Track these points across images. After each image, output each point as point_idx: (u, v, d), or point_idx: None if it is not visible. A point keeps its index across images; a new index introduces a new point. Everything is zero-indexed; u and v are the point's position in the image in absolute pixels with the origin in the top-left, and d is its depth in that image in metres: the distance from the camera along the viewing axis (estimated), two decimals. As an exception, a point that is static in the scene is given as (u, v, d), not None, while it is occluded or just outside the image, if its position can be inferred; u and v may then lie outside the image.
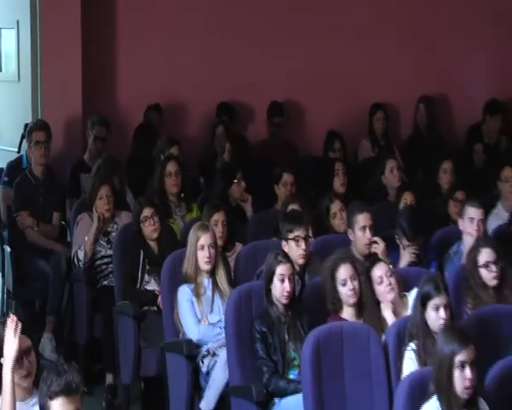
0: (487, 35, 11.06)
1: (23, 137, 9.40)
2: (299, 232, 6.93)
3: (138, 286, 7.60)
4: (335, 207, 8.07)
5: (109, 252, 8.01)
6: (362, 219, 7.20)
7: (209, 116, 10.31)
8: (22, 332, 4.37)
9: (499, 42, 11.11)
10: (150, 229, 7.65)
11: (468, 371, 4.86)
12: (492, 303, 6.37)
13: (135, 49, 10.08)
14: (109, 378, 7.80)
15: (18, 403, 4.23)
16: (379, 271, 6.37)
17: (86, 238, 8.01)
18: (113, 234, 8.06)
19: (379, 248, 7.03)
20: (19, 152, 9.60)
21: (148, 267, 7.61)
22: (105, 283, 8.05)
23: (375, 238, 7.11)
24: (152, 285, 7.54)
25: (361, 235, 7.17)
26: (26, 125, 9.38)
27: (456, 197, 8.39)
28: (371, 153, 10.49)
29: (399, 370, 5.70)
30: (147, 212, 7.68)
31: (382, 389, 5.79)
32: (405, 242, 7.32)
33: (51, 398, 3.97)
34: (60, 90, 9.51)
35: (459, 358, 4.87)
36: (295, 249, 6.88)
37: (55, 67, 9.53)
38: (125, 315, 7.47)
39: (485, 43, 11.04)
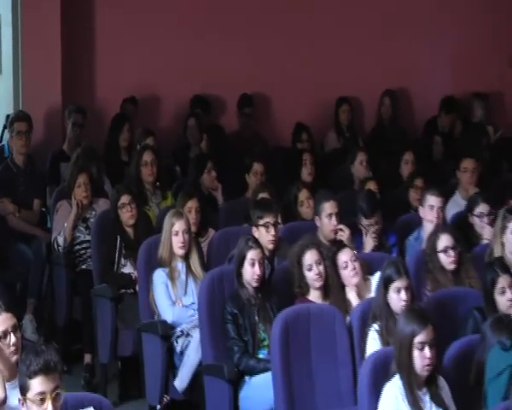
0: (447, 33, 11.07)
1: (5, 127, 9.36)
2: (268, 219, 6.93)
3: (115, 270, 7.57)
4: (303, 195, 8.07)
5: (88, 237, 7.96)
6: (328, 206, 7.20)
7: (183, 108, 10.25)
8: (7, 311, 4.35)
9: (458, 40, 11.12)
10: (127, 215, 7.63)
11: (427, 351, 4.89)
12: (450, 286, 6.42)
13: (112, 44, 10.01)
14: (88, 358, 7.78)
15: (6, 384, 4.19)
16: (344, 256, 6.38)
17: (66, 224, 7.97)
18: (92, 220, 8.02)
19: (344, 235, 7.03)
20: (0, 142, 9.52)
21: (124, 252, 7.57)
22: (84, 266, 8.00)
23: (341, 226, 7.11)
24: (128, 269, 7.52)
25: (327, 222, 7.17)
26: (8, 116, 9.33)
27: (416, 185, 8.43)
28: (337, 144, 10.49)
29: (363, 349, 5.71)
30: (124, 199, 7.66)
31: (347, 367, 5.82)
32: (365, 221, 7.38)
33: (30, 377, 3.92)
34: (40, 83, 9.44)
35: (419, 338, 4.90)
36: (265, 235, 6.88)
37: (36, 60, 9.46)
38: (103, 297, 7.44)
39: (445, 42, 11.04)
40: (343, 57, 10.57)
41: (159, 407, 6.73)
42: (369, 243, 7.33)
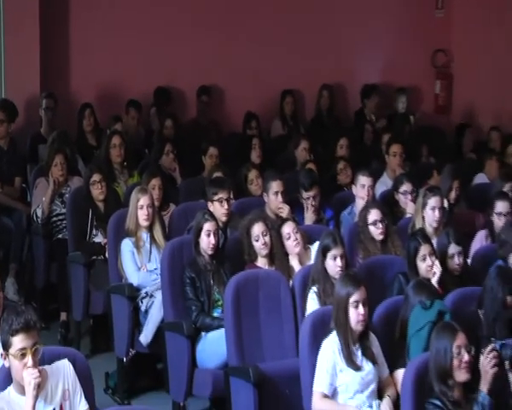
0: (377, 37, 11.11)
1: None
2: (222, 195, 6.92)
3: (87, 239, 7.54)
4: (252, 175, 8.06)
5: (63, 210, 7.89)
6: (275, 185, 7.21)
7: (148, 98, 10.15)
8: None
9: (386, 42, 11.17)
10: (98, 192, 7.61)
11: (360, 309, 4.95)
12: (379, 254, 6.47)
13: (85, 39, 9.85)
14: (63, 316, 7.77)
15: None
16: (287, 228, 6.41)
17: (44, 199, 7.90)
18: (67, 195, 7.95)
19: (284, 212, 7.02)
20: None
21: (95, 223, 7.54)
22: (59, 236, 7.93)
23: (281, 204, 7.10)
24: (99, 238, 7.48)
25: (274, 198, 7.18)
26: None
27: (340, 168, 8.49)
28: (282, 131, 10.49)
29: (304, 308, 5.75)
30: (95, 177, 7.64)
31: (290, 324, 5.85)
32: (304, 194, 7.39)
33: (12, 335, 3.94)
34: (21, 74, 9.31)
35: (353, 298, 4.96)
36: (219, 209, 6.87)
37: (17, 53, 9.31)
38: (77, 263, 7.42)
39: (376, 43, 11.09)
40: (287, 55, 10.52)
41: (125, 359, 6.72)
42: (309, 216, 7.35)
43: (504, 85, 10.71)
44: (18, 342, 3.96)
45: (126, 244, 6.83)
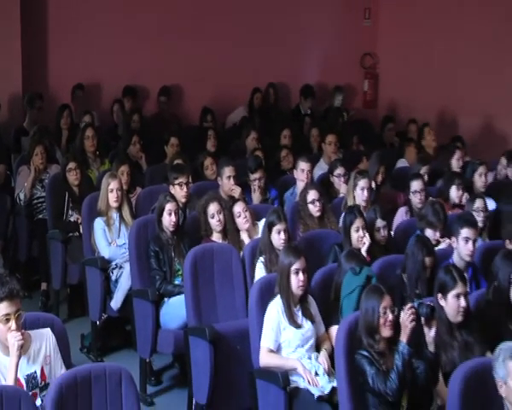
0: (316, 42, 11.11)
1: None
2: (182, 179, 6.89)
3: (64, 218, 7.45)
4: (208, 161, 8.01)
5: (43, 194, 7.79)
6: (227, 170, 7.16)
7: (118, 95, 10.02)
8: None
9: (323, 45, 11.17)
10: (73, 177, 7.53)
11: (300, 276, 4.96)
12: (316, 228, 6.45)
13: (62, 41, 9.68)
14: (44, 286, 7.70)
15: None
16: (238, 207, 6.38)
17: (26, 184, 7.81)
18: (46, 181, 7.83)
19: (236, 192, 6.99)
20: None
21: (71, 205, 7.45)
22: (40, 216, 7.83)
23: (233, 187, 7.07)
24: (74, 217, 7.40)
25: (227, 182, 7.13)
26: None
27: (283, 155, 8.48)
28: (238, 123, 10.42)
29: (252, 276, 5.75)
30: (71, 165, 7.56)
31: (241, 290, 5.84)
32: (251, 176, 7.38)
33: None
34: (5, 74, 9.12)
35: (294, 266, 4.97)
36: (179, 192, 6.84)
37: (1, 56, 9.14)
38: (55, 240, 7.35)
39: (315, 46, 11.09)
40: (240, 57, 10.46)
41: (98, 322, 6.69)
42: (256, 197, 7.34)
43: (420, 84, 10.80)
44: (3, 308, 3.91)
45: (98, 223, 6.77)
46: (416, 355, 4.35)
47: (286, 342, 4.94)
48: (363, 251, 5.71)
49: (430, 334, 4.41)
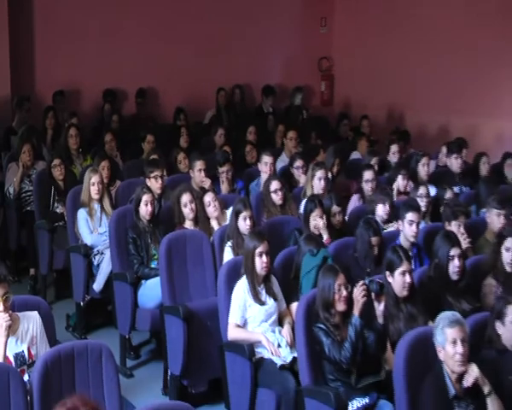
0: (279, 47, 11.08)
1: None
2: (157, 172, 6.86)
3: (50, 210, 7.38)
4: (181, 156, 8.00)
5: (31, 188, 7.70)
6: (198, 164, 7.13)
7: (98, 97, 9.97)
8: None
9: (283, 50, 11.15)
10: (58, 173, 7.46)
11: (264, 258, 4.96)
12: (279, 215, 6.44)
13: (48, 47, 9.57)
14: (32, 271, 7.63)
15: None
16: (208, 197, 6.35)
17: (15, 179, 7.75)
18: (33, 176, 7.74)
19: (206, 184, 6.95)
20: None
21: (56, 197, 7.38)
22: (28, 208, 7.74)
23: (203, 179, 7.03)
24: (60, 209, 7.32)
25: (198, 174, 7.10)
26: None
27: (247, 150, 8.45)
28: (208, 121, 10.40)
29: (221, 259, 5.73)
30: (56, 161, 7.50)
31: (210, 271, 5.83)
32: (220, 169, 7.35)
33: None
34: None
35: (258, 250, 4.97)
36: (155, 184, 6.81)
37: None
38: (42, 229, 7.28)
39: (277, 51, 11.06)
40: (209, 60, 10.37)
41: (82, 303, 6.64)
42: (224, 187, 7.31)
43: (371, 84, 10.83)
44: None
45: (81, 213, 6.72)
46: (366, 327, 4.37)
47: (251, 318, 4.94)
48: (325, 235, 5.73)
49: (379, 308, 4.43)
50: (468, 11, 9.76)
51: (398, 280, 4.65)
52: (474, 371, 3.82)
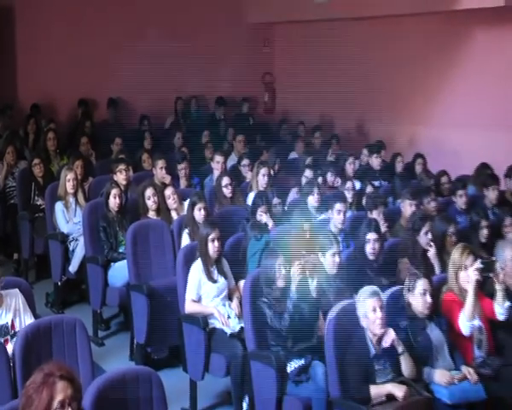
0: (230, 61, 11.02)
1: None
2: (121, 167, 6.82)
3: (31, 203, 7.21)
4: (145, 156, 7.88)
5: (14, 184, 7.51)
6: (160, 162, 7.04)
7: (73, 106, 9.80)
8: None
9: (228, 67, 11.09)
10: (38, 171, 7.29)
11: (215, 243, 4.92)
12: (229, 206, 6.40)
13: (28, 61, 9.39)
14: (15, 256, 7.49)
15: None
16: (168, 191, 6.30)
17: (0, 176, 7.58)
18: (16, 174, 7.56)
19: (166, 180, 6.88)
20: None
21: (36, 192, 7.21)
22: (12, 201, 7.54)
23: (164, 175, 6.95)
24: (39, 202, 7.15)
25: (160, 171, 7.01)
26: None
27: (208, 147, 8.45)
28: (168, 126, 10.29)
29: (180, 243, 5.67)
30: (36, 161, 7.35)
31: (170, 254, 5.75)
32: (178, 166, 7.28)
33: None
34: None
35: (211, 236, 4.92)
36: (120, 176, 6.75)
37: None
38: (24, 220, 7.13)
39: (229, 66, 11.00)
40: (170, 75, 10.10)
41: (59, 283, 6.53)
42: (183, 182, 7.26)
43: (307, 95, 10.73)
44: None
45: (58, 205, 6.59)
46: (302, 300, 4.37)
47: (205, 294, 4.91)
48: (270, 223, 5.72)
49: (313, 284, 4.44)
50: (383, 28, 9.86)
51: (330, 260, 4.68)
52: (390, 334, 3.88)
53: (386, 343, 3.88)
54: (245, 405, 4.58)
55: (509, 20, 8.36)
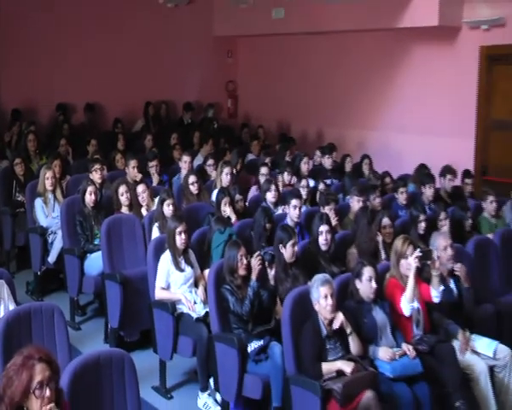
0: (198, 71, 10.94)
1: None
2: (96, 166, 6.72)
3: (13, 199, 7.06)
4: (118, 156, 7.78)
5: (-3, 182, 7.39)
6: (132, 162, 6.93)
7: (52, 110, 9.55)
8: None
9: (203, 73, 11.03)
10: (19, 169, 7.15)
11: (182, 235, 4.88)
12: (195, 202, 6.35)
13: (10, 68, 9.07)
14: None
15: None
16: (140, 188, 6.21)
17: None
18: (-1, 172, 7.43)
19: (138, 178, 6.79)
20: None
21: (18, 189, 7.07)
22: (-6, 198, 7.40)
23: (136, 174, 6.85)
24: (20, 198, 7.01)
25: (132, 170, 6.90)
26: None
27: (176, 149, 8.30)
28: (138, 129, 10.15)
29: (150, 237, 5.59)
30: (17, 160, 7.21)
31: (141, 246, 5.69)
32: (149, 164, 7.20)
33: None
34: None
35: (178, 229, 4.88)
36: (95, 175, 6.65)
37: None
38: (6, 214, 6.98)
39: (196, 74, 10.92)
40: (141, 82, 10.10)
41: (39, 272, 6.41)
42: (154, 180, 7.18)
43: (265, 102, 10.90)
44: None
45: (38, 201, 6.47)
46: (261, 287, 4.38)
47: (173, 282, 4.87)
48: (233, 217, 5.70)
49: (271, 273, 4.45)
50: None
51: (289, 251, 4.67)
52: (340, 317, 3.91)
53: (335, 326, 3.91)
54: (210, 382, 4.57)
55: (442, 38, 8.52)
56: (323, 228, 4.97)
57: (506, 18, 7.83)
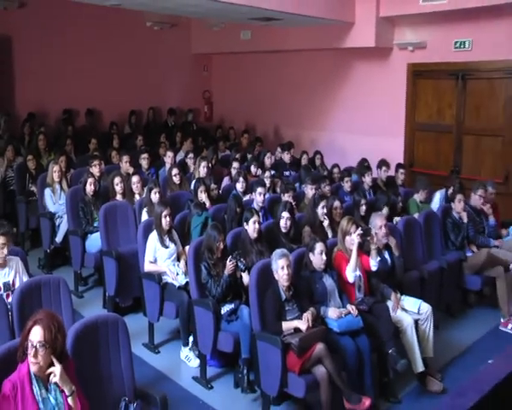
0: (178, 81, 10.73)
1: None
2: (96, 162, 6.53)
3: (26, 189, 6.85)
4: (113, 153, 7.58)
5: (13, 174, 7.11)
6: (125, 158, 6.79)
7: (59, 114, 9.27)
8: None
9: (183, 83, 10.82)
10: (31, 164, 6.93)
11: (167, 218, 4.78)
12: (178, 191, 6.23)
13: (22, 76, 8.78)
14: (14, 230, 6.69)
15: None
16: (134, 178, 6.03)
17: (2, 169, 7.20)
18: (15, 166, 7.13)
19: (130, 170, 6.64)
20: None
21: (30, 181, 6.85)
22: (11, 188, 7.13)
23: (129, 167, 6.71)
24: (32, 188, 6.78)
25: (125, 164, 6.76)
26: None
27: (162, 146, 8.21)
28: (129, 131, 9.89)
29: (140, 220, 5.46)
30: (30, 157, 6.99)
31: (133, 227, 5.53)
32: (142, 155, 7.05)
33: None
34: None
35: (164, 213, 4.78)
36: (95, 169, 6.45)
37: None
38: (21, 202, 6.77)
39: (177, 85, 10.73)
40: (131, 91, 9.90)
41: (48, 250, 6.26)
42: (144, 165, 7.06)
43: (234, 106, 10.75)
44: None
45: (47, 191, 6.30)
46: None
47: (160, 257, 4.78)
48: (208, 203, 5.60)
49: (246, 279, 4.24)
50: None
51: (251, 226, 4.61)
52: (306, 317, 3.77)
53: (303, 328, 3.80)
54: (190, 339, 4.53)
55: (378, 56, 8.59)
56: (285, 214, 4.94)
57: (427, 42, 8.04)
